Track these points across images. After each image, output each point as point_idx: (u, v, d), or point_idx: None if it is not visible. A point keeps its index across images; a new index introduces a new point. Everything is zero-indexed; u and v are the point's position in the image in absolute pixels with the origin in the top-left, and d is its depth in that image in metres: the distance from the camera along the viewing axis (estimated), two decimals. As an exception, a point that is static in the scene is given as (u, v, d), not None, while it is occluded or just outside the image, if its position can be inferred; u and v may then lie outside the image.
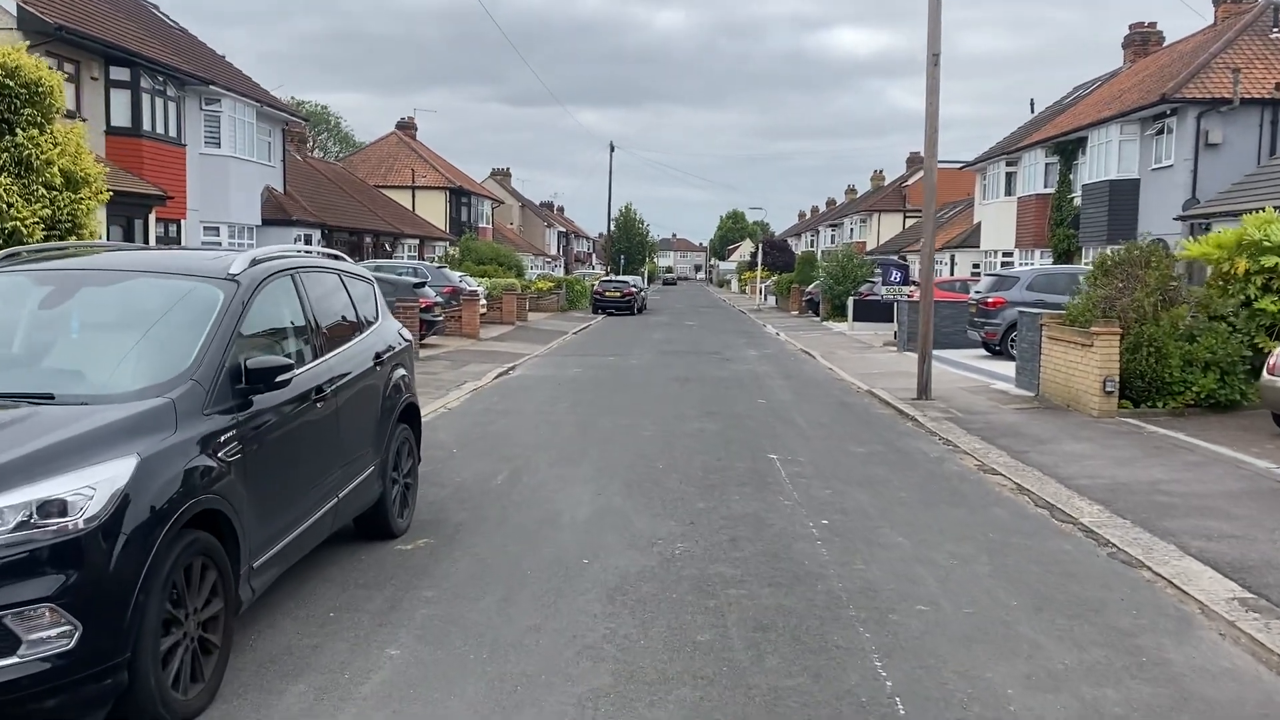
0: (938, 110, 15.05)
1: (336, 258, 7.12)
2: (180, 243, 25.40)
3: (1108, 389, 13.03)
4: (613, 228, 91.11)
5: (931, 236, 15.39)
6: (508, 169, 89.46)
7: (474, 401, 14.90)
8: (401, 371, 7.23)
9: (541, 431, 11.99)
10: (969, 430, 12.43)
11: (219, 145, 27.38)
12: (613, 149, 63.87)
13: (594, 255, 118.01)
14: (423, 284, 23.80)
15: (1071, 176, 33.60)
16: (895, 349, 25.00)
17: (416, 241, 46.49)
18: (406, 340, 7.65)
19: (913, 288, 27.96)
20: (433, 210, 53.02)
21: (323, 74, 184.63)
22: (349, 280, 6.84)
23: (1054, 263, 33.66)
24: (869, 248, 61.55)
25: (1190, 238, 24.29)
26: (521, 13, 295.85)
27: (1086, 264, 30.74)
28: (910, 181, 69.16)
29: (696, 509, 8.06)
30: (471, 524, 7.51)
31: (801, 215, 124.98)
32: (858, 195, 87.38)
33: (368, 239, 39.75)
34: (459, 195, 55.69)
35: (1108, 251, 14.82)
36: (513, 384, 17.33)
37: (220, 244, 27.62)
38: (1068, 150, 33.40)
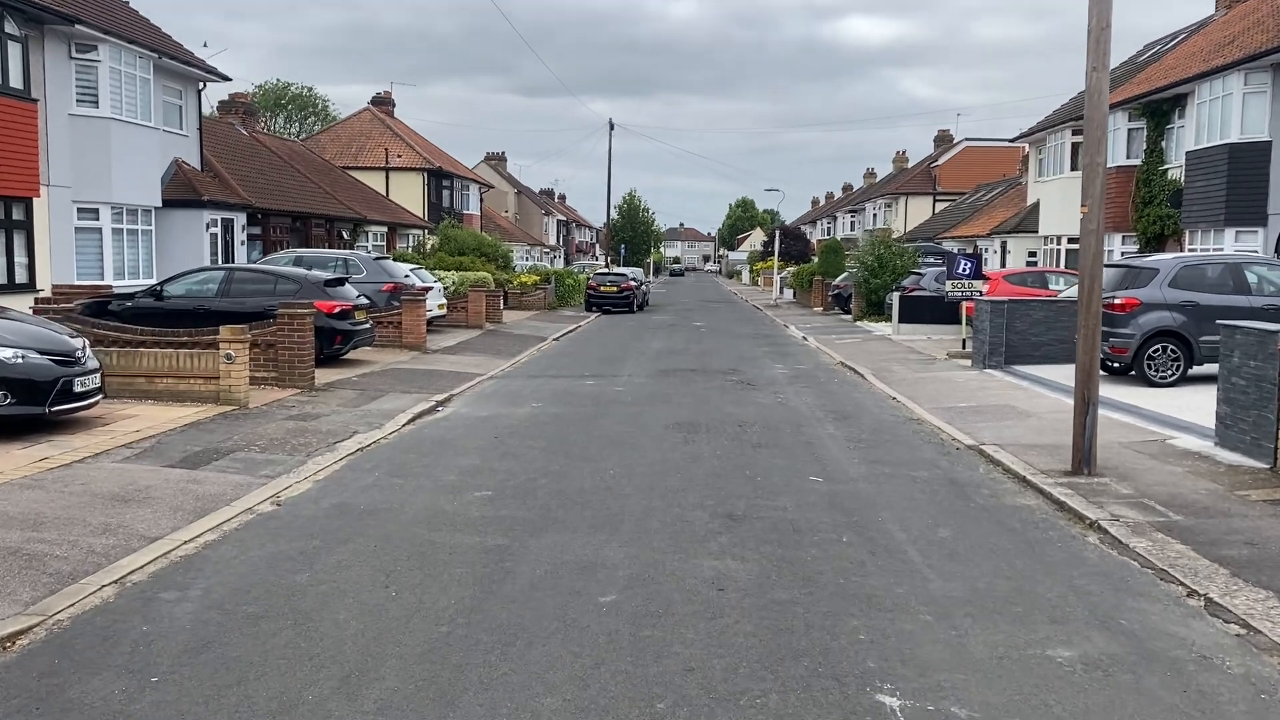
0: (1113, -10, 8.98)
1: None
2: (30, 229, 19.44)
3: None
4: (615, 215, 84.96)
5: (1100, 201, 9.27)
6: (502, 153, 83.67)
7: (337, 482, 8.89)
8: None
9: (396, 593, 5.97)
10: (1237, 571, 6.41)
11: (96, 104, 21.41)
12: (612, 126, 57.66)
13: (597, 246, 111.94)
14: (341, 281, 17.79)
15: (1164, 144, 27.45)
16: (968, 364, 18.92)
17: (384, 229, 40.51)
18: None
19: (984, 282, 21.85)
20: (409, 194, 47.07)
21: (337, 66, 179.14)
22: None
23: (1140, 250, 27.57)
24: (894, 235, 55.27)
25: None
26: (535, 4, 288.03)
27: (1194, 250, 24.68)
28: (940, 161, 62.93)
29: None
30: None
31: (815, 202, 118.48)
32: (878, 179, 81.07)
33: (317, 225, 33.75)
34: (439, 178, 49.66)
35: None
36: (427, 438, 11.32)
37: (100, 229, 21.71)
38: (1160, 111, 27.22)
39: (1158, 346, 14.90)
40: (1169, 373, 14.88)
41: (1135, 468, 9.45)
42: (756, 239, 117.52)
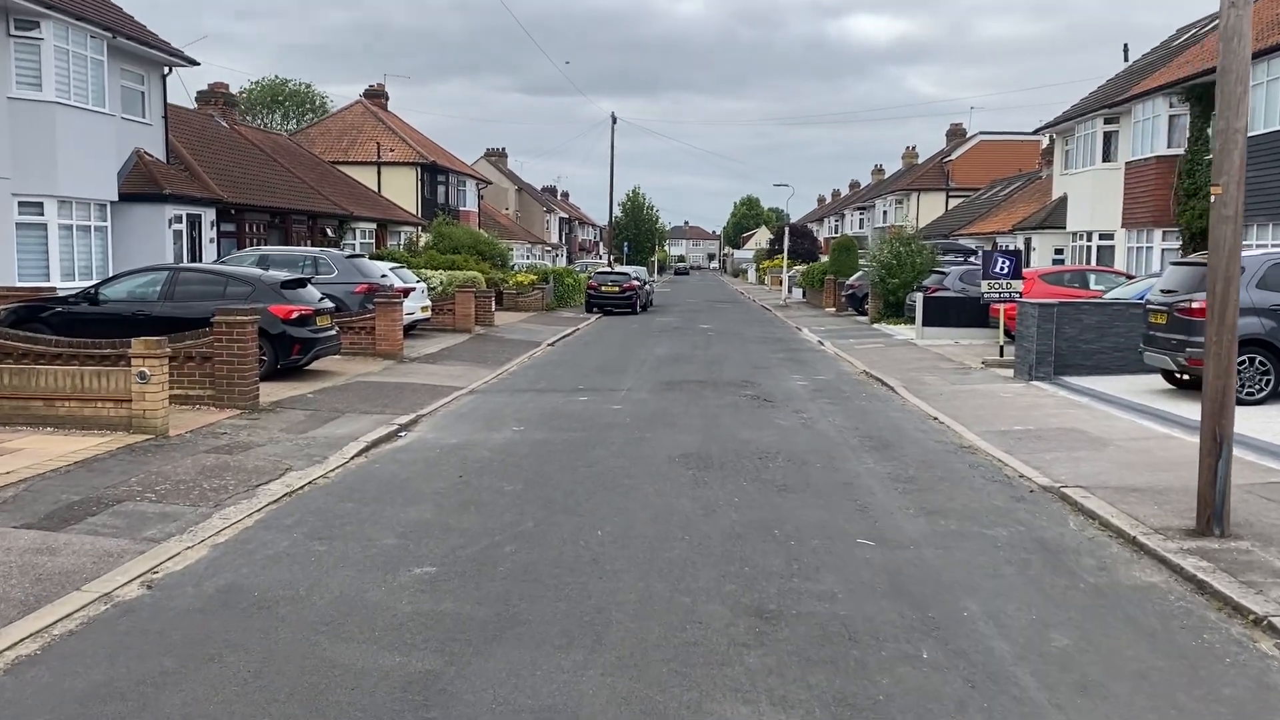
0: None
1: None
2: (-42, 223, 17.39)
3: None
4: (618, 213, 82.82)
5: (1238, 178, 7.18)
6: (503, 149, 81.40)
7: (239, 548, 6.78)
8: None
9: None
10: None
11: (39, 87, 19.34)
12: (615, 120, 55.54)
13: (601, 244, 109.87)
14: (302, 282, 15.71)
15: (1210, 131, 25.27)
16: (1010, 374, 16.79)
17: (373, 226, 38.43)
18: None
19: (1023, 283, 19.71)
20: (402, 190, 44.99)
21: (343, 66, 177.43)
22: None
23: (1183, 246, 25.43)
24: (910, 230, 53.03)
25: None
26: (542, 3, 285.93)
27: (1250, 246, 22.48)
28: (953, 156, 60.69)
29: None
30: None
31: (821, 200, 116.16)
32: (886, 176, 78.83)
33: (298, 222, 31.67)
34: (434, 173, 47.58)
35: None
36: (375, 477, 9.21)
37: (45, 224, 19.64)
38: (1206, 96, 25.01)
39: (1244, 358, 12.75)
40: (1257, 388, 12.76)
41: (1277, 524, 7.33)
42: (762, 237, 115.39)
